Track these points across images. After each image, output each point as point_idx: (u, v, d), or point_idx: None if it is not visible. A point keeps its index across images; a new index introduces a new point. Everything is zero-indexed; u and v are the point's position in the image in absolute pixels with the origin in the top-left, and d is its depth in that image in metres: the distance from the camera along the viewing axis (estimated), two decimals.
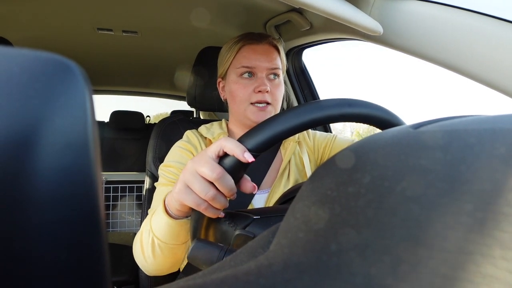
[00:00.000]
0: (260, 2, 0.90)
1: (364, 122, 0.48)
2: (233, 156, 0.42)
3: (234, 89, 0.75)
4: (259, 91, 0.72)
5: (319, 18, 0.89)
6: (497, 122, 0.20)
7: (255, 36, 0.76)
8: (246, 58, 0.74)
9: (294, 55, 1.23)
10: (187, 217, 0.53)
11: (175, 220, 0.53)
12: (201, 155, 0.44)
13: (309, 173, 0.81)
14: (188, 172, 0.44)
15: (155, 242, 0.56)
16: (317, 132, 0.91)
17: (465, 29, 0.60)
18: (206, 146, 0.78)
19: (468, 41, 0.59)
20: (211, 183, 0.43)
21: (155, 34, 1.28)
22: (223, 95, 0.83)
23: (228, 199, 0.45)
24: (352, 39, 0.88)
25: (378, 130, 0.51)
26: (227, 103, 0.83)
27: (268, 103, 0.73)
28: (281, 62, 0.77)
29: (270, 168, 0.79)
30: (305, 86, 1.29)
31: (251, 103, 0.73)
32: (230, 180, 0.43)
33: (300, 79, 1.29)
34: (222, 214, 0.46)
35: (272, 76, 0.75)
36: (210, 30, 1.18)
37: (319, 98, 1.32)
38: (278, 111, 0.76)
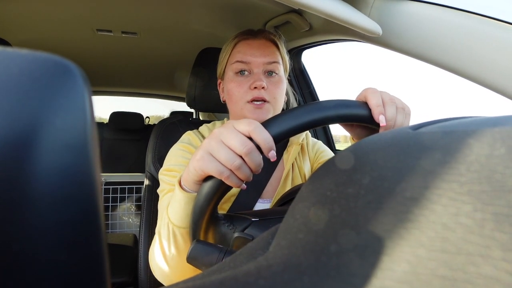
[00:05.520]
0: (259, 3, 0.90)
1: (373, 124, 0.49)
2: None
3: (230, 87, 0.72)
4: (255, 88, 0.69)
5: (318, 19, 0.89)
6: (496, 123, 0.20)
7: (251, 32, 0.75)
8: (240, 53, 0.72)
9: (294, 56, 1.24)
10: None
11: (194, 194, 0.50)
12: (229, 128, 0.44)
13: None
14: (214, 141, 0.44)
15: (176, 233, 0.53)
16: (319, 142, 0.89)
17: (464, 30, 0.60)
18: None
19: (467, 42, 0.60)
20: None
21: (154, 35, 1.28)
22: (222, 96, 0.81)
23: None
24: (351, 40, 0.89)
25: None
26: (226, 104, 0.80)
27: (265, 101, 0.70)
28: (281, 58, 0.75)
29: (272, 177, 0.77)
30: (304, 87, 1.29)
31: (248, 102, 0.70)
32: (258, 156, 0.42)
33: (299, 80, 1.29)
34: (244, 186, 0.45)
35: (269, 73, 0.72)
36: (209, 31, 1.18)
37: (318, 99, 1.32)
38: (278, 110, 0.73)
